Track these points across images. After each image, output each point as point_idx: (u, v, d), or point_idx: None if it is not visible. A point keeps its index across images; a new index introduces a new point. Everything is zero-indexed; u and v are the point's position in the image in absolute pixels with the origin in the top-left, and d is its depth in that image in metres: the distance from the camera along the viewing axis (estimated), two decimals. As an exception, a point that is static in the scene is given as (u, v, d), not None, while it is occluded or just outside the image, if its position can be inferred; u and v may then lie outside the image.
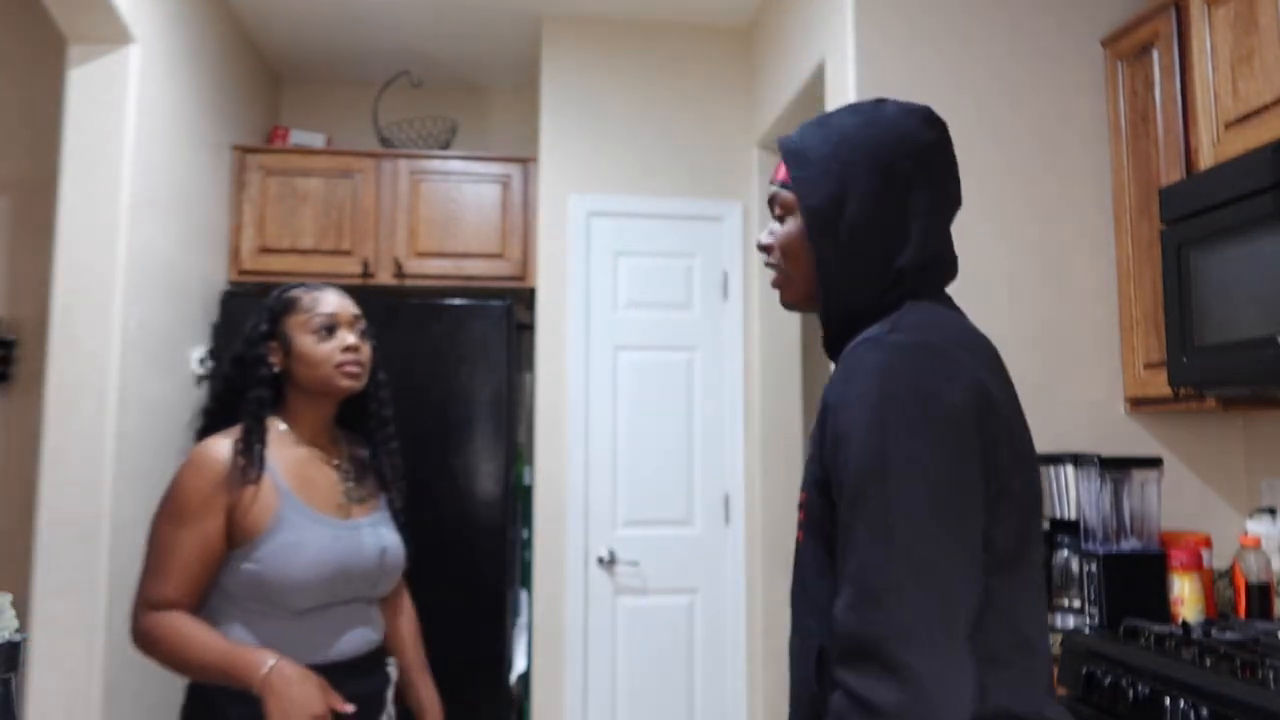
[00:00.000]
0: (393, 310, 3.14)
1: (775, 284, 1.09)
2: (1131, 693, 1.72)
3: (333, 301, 1.54)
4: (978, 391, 0.88)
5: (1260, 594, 2.01)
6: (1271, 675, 1.51)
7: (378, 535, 1.53)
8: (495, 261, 3.32)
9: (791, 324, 3.25)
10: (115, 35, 2.44)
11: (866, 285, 1.00)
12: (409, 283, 3.30)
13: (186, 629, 1.36)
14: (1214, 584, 2.14)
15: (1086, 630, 2.00)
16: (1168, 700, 1.63)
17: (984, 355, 0.94)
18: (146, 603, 1.39)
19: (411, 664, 1.65)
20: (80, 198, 2.41)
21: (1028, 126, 2.45)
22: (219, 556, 1.41)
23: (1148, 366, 2.28)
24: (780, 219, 1.07)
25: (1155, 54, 2.26)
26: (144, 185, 2.57)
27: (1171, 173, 2.19)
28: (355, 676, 1.45)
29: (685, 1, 3.22)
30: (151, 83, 2.59)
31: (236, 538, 1.41)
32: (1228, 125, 2.01)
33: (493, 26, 3.38)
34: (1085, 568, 2.05)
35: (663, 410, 3.17)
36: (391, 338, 3.12)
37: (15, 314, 3.06)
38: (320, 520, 1.44)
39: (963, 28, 2.44)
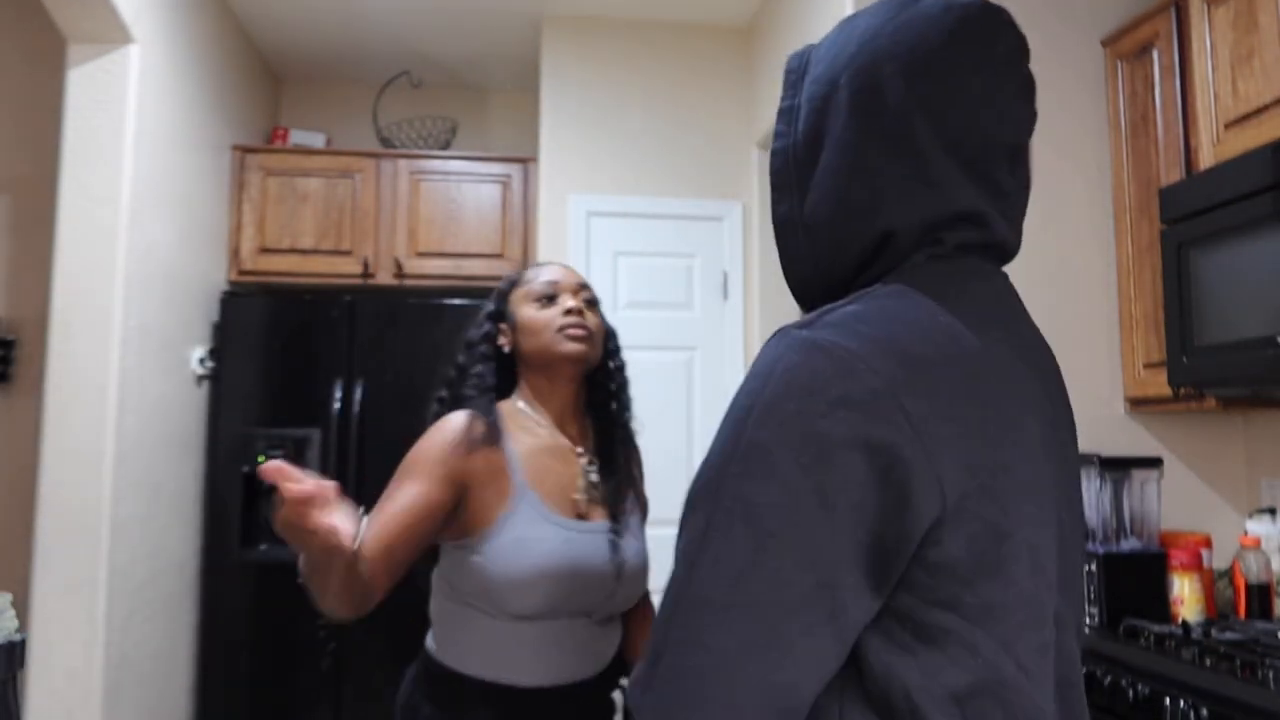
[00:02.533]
0: (393, 310, 3.14)
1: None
2: (1131, 693, 1.72)
3: (555, 270, 1.43)
4: (886, 434, 0.61)
5: (1260, 594, 2.01)
6: (1271, 675, 1.51)
7: (617, 544, 1.34)
8: (495, 261, 3.32)
9: (791, 324, 3.24)
10: (115, 35, 2.44)
11: (839, 254, 0.74)
12: (409, 283, 3.30)
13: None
14: (1214, 584, 2.14)
15: (1086, 630, 2.00)
16: (1168, 700, 1.63)
17: (952, 376, 0.65)
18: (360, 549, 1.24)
19: None
20: (80, 198, 2.41)
21: (1028, 126, 2.45)
22: (431, 522, 1.25)
23: (1148, 366, 2.28)
24: None
25: (1155, 54, 2.26)
26: (144, 185, 2.57)
27: (1171, 173, 2.19)
28: (569, 704, 1.28)
29: (685, 1, 3.21)
30: (151, 83, 2.59)
31: (468, 523, 1.28)
32: (1228, 125, 2.01)
33: (493, 26, 3.38)
34: (1085, 568, 2.05)
35: (663, 410, 3.16)
36: (391, 338, 3.12)
37: (15, 314, 3.06)
38: (553, 519, 1.30)
39: (963, 28, 2.44)
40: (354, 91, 3.83)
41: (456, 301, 3.20)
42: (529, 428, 1.38)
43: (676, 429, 3.17)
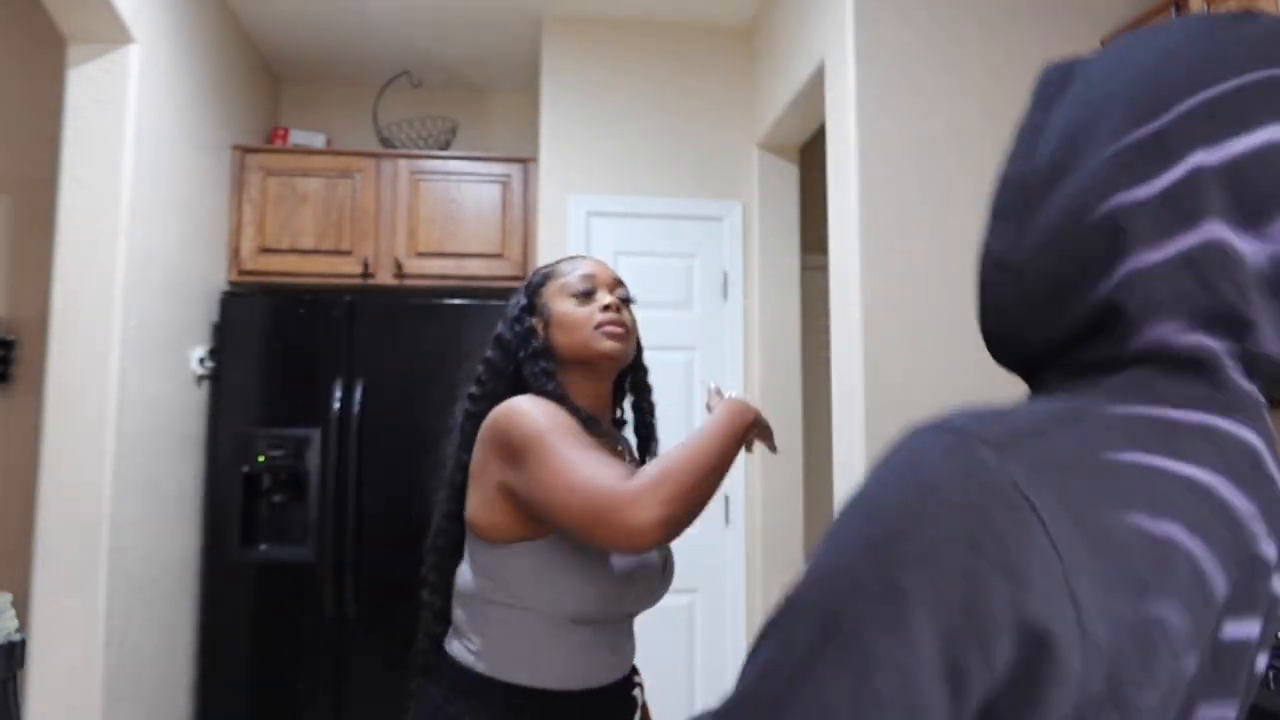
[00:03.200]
0: (393, 310, 3.14)
1: None
2: (1131, 693, 1.71)
3: (590, 265, 1.40)
4: (1044, 617, 0.47)
5: (1260, 594, 2.01)
6: (1271, 675, 1.51)
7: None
8: (495, 261, 3.32)
9: (791, 324, 3.25)
10: (115, 35, 2.44)
11: (1049, 312, 0.58)
12: (409, 283, 3.30)
13: (672, 457, 1.12)
14: (1214, 584, 2.13)
15: None
16: (1168, 700, 1.63)
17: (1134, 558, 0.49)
18: (615, 487, 1.08)
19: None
20: (80, 198, 2.41)
21: (1028, 126, 2.44)
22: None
23: (1148, 367, 2.28)
24: None
25: (1155, 54, 2.26)
26: (144, 185, 2.57)
27: (1171, 173, 2.19)
28: (606, 704, 1.27)
29: (685, 1, 3.21)
30: (151, 83, 2.59)
31: (526, 515, 1.19)
32: (1228, 125, 2.01)
33: (493, 26, 3.38)
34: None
35: (663, 410, 3.16)
36: (391, 338, 3.12)
37: (15, 314, 3.06)
38: None
39: (962, 28, 2.44)
40: (354, 91, 3.83)
41: (457, 301, 3.20)
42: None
43: (676, 429, 3.17)
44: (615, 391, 1.46)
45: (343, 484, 3.04)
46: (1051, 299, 0.57)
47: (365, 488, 3.05)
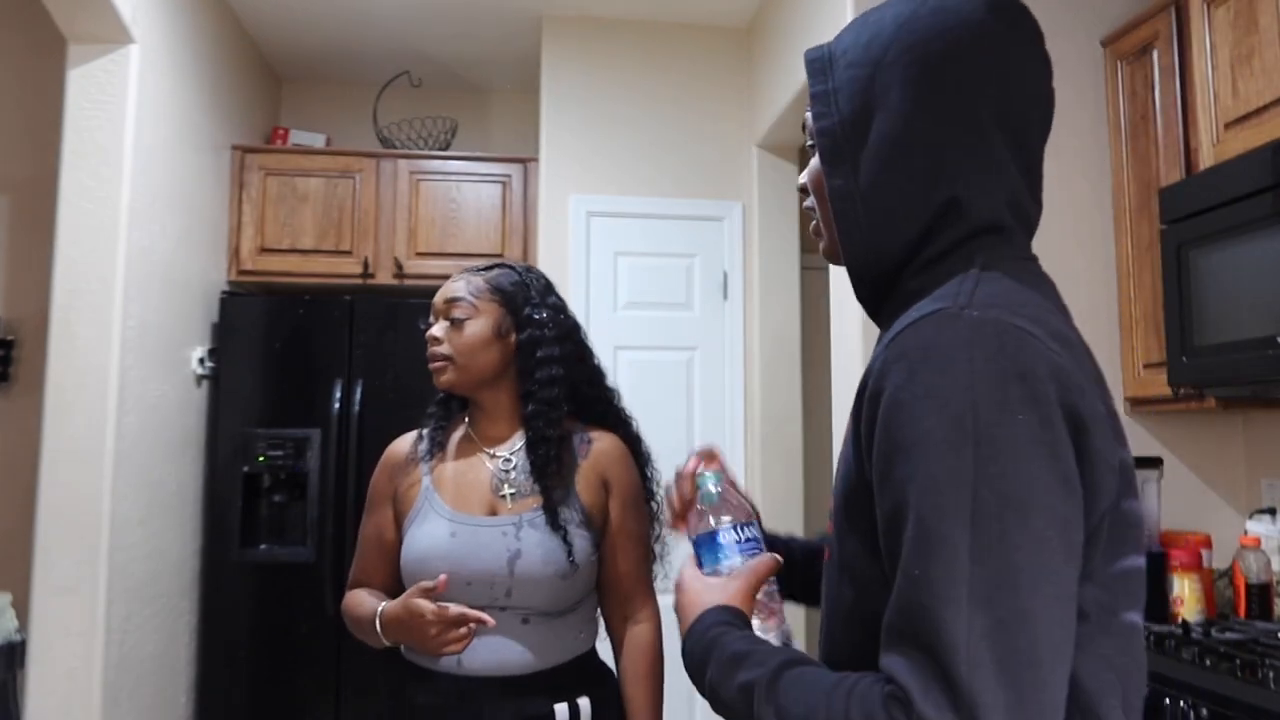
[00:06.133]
0: (393, 310, 3.14)
1: (814, 233, 0.87)
2: (1131, 693, 1.72)
3: (442, 290, 1.49)
4: (1081, 406, 0.65)
5: (1260, 594, 2.01)
6: (1271, 675, 1.51)
7: (515, 536, 1.33)
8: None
9: (791, 324, 3.25)
10: (115, 35, 2.44)
11: (901, 223, 0.75)
12: (409, 283, 3.30)
13: (352, 601, 1.43)
14: (1214, 584, 2.14)
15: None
16: (1167, 700, 1.63)
17: (1086, 366, 0.69)
18: (349, 584, 1.49)
19: (633, 710, 1.39)
20: (80, 198, 2.41)
21: (1028, 126, 2.44)
22: (394, 542, 1.44)
23: (1147, 366, 2.28)
24: (813, 149, 0.83)
25: (1155, 54, 2.26)
26: (144, 185, 2.57)
27: (1171, 173, 2.19)
28: (496, 699, 1.30)
29: (685, 1, 3.22)
30: (151, 83, 2.59)
31: (401, 528, 1.44)
32: (1227, 125, 2.01)
33: (493, 26, 3.38)
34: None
35: (663, 410, 3.17)
36: (391, 338, 3.12)
37: (15, 314, 3.06)
38: (446, 514, 1.36)
39: (963, 28, 2.44)
40: (354, 91, 3.83)
41: (456, 301, 3.20)
42: (455, 439, 1.46)
43: (676, 429, 3.17)
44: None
45: (343, 484, 3.04)
46: (897, 208, 0.75)
47: (364, 488, 3.04)
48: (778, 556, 0.88)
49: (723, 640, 0.76)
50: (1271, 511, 2.19)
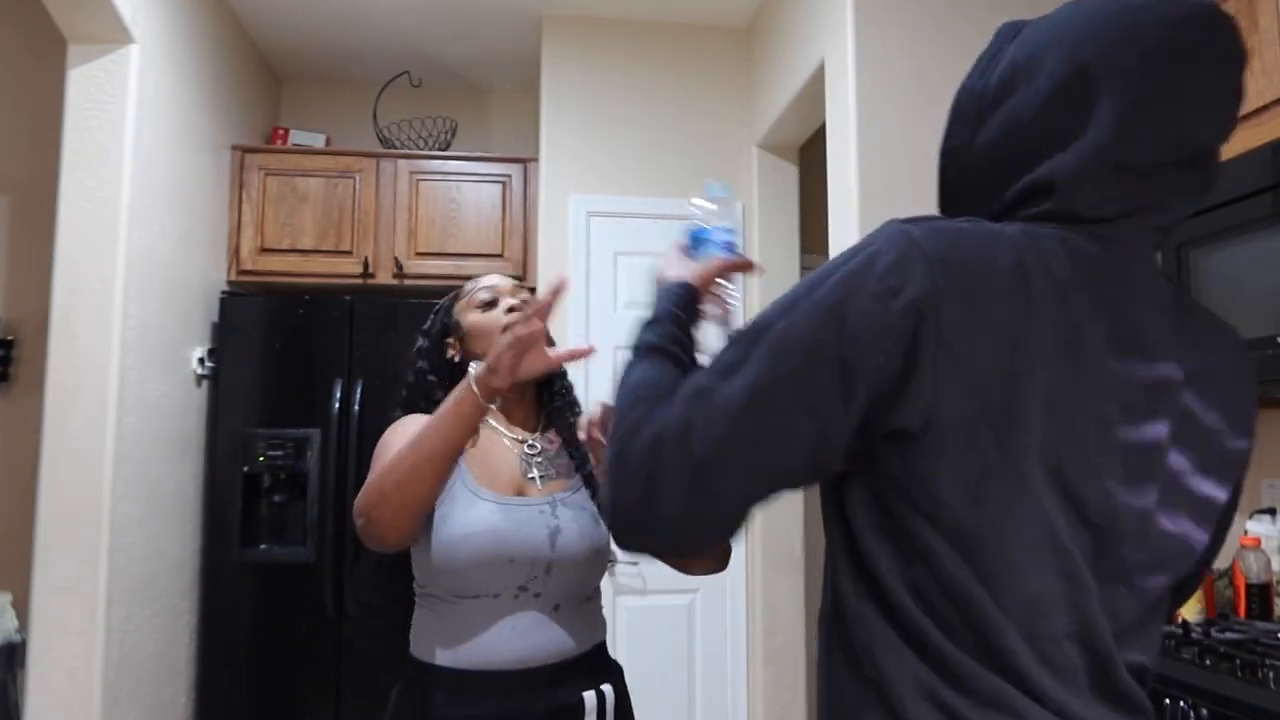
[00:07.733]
0: (393, 310, 3.14)
1: None
2: (1131, 693, 1.72)
3: (492, 278, 1.53)
4: (915, 333, 0.68)
5: (1260, 594, 2.01)
6: (1271, 675, 1.51)
7: (553, 514, 1.36)
8: (495, 261, 3.32)
9: (791, 324, 3.25)
10: (115, 35, 2.44)
11: (993, 184, 0.80)
12: (409, 283, 3.30)
13: (390, 455, 1.27)
14: (1214, 584, 2.14)
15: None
16: (1167, 700, 1.63)
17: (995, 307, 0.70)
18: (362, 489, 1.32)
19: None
20: (80, 198, 2.41)
21: (1028, 126, 2.44)
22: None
23: (1148, 366, 2.28)
24: None
25: (1155, 54, 2.26)
26: (144, 185, 2.57)
27: (1171, 173, 2.19)
28: (527, 690, 1.30)
29: (685, 1, 3.22)
30: (151, 83, 2.59)
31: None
32: (1228, 125, 2.01)
33: (493, 26, 3.38)
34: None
35: (663, 410, 3.16)
36: (391, 338, 3.12)
37: (15, 314, 3.06)
38: (483, 495, 1.35)
39: (962, 28, 2.44)
40: (354, 91, 3.83)
41: (456, 301, 3.20)
42: (483, 424, 1.42)
43: (676, 429, 3.17)
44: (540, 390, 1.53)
45: (343, 484, 3.04)
46: (996, 180, 0.79)
47: (365, 488, 3.04)
48: (750, 260, 1.12)
49: (659, 309, 1.00)
50: (1271, 511, 2.19)
